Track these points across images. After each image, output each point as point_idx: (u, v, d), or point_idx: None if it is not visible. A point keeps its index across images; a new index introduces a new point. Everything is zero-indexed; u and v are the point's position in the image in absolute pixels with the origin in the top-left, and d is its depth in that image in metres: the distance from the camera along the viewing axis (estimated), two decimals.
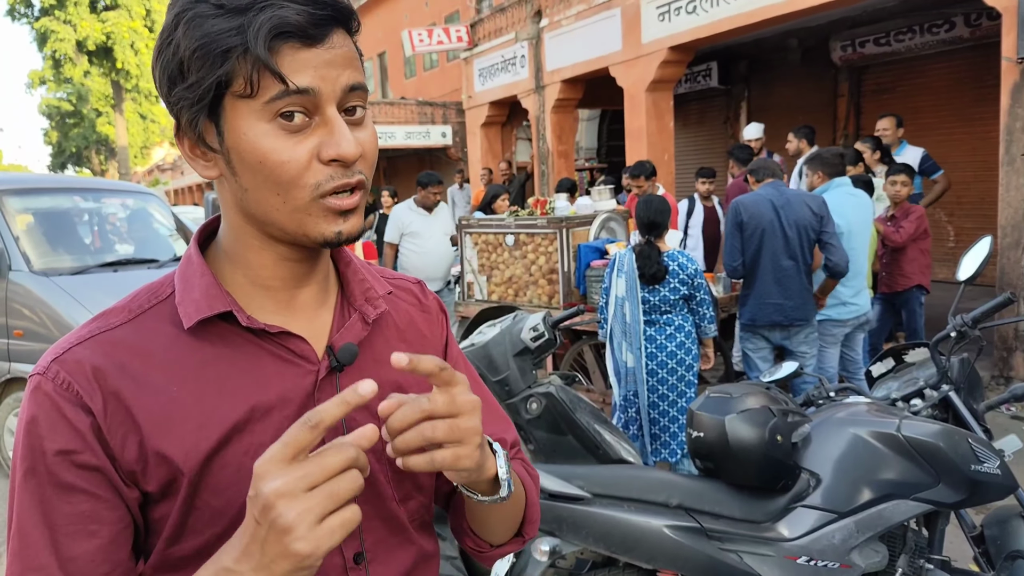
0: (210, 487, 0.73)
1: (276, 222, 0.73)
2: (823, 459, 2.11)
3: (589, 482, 2.11)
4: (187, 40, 0.68)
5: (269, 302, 0.80)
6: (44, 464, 0.69)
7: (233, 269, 0.79)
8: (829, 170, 4.24)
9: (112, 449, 0.71)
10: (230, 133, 0.71)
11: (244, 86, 0.68)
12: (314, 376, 0.78)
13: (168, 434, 0.72)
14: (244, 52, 0.67)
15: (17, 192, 4.78)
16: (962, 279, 2.42)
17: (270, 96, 0.68)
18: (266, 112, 0.69)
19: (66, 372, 0.71)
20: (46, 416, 0.70)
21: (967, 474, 2.06)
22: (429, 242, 5.74)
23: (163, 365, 0.74)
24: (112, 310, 0.77)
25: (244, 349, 0.77)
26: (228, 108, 0.70)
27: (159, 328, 0.76)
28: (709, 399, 2.14)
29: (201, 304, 0.75)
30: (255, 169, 0.71)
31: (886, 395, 2.43)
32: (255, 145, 0.70)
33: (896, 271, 4.96)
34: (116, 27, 25.20)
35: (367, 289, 0.86)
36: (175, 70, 0.70)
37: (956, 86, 9.03)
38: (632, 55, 9.01)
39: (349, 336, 0.82)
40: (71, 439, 0.70)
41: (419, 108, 15.11)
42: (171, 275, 0.80)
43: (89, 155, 35.34)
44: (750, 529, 2.05)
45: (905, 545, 2.20)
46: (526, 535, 0.93)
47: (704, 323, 3.76)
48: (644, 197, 3.92)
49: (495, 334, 2.91)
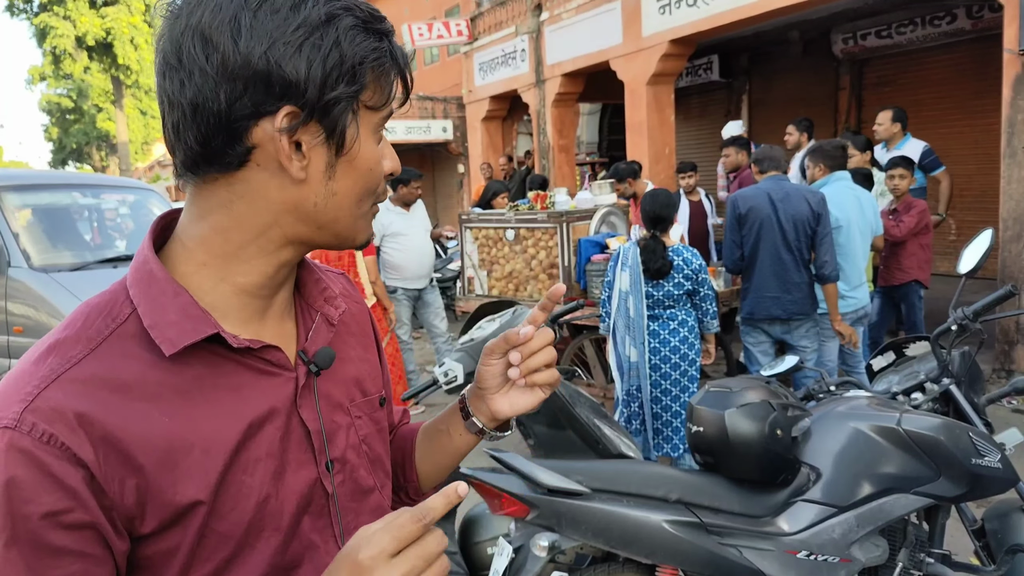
0: (216, 511, 0.71)
1: (339, 226, 0.76)
2: (823, 453, 2.11)
3: (589, 477, 2.11)
4: (350, 47, 0.70)
5: (245, 311, 0.77)
6: (27, 529, 0.62)
7: (217, 277, 0.75)
8: (830, 163, 4.22)
9: (110, 497, 0.66)
10: (353, 140, 0.73)
11: (377, 96, 0.73)
12: (294, 383, 0.78)
13: (175, 467, 0.68)
14: (387, 66, 0.73)
15: (16, 188, 4.78)
16: (963, 272, 2.42)
17: (390, 110, 0.75)
18: (381, 123, 0.76)
19: (45, 423, 0.63)
20: (29, 476, 0.62)
21: (968, 468, 2.05)
22: (412, 240, 5.50)
23: (145, 396, 0.69)
24: (64, 341, 0.69)
25: (224, 367, 0.74)
26: (359, 116, 0.73)
27: (127, 354, 0.70)
28: (709, 393, 2.14)
29: (184, 327, 0.70)
30: (364, 176, 0.75)
31: (887, 389, 2.42)
32: (372, 153, 0.75)
33: (894, 265, 4.94)
34: (116, 22, 25.15)
35: (324, 288, 0.85)
36: (334, 67, 0.69)
37: (958, 78, 8.99)
38: (633, 48, 8.98)
39: (319, 339, 0.82)
40: (59, 499, 0.63)
41: (419, 103, 15.05)
42: (119, 292, 0.73)
43: (90, 151, 35.31)
44: (750, 524, 2.04)
45: (906, 539, 2.20)
46: None
47: (707, 318, 3.75)
48: (650, 191, 3.90)
49: (495, 329, 2.90)
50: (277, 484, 0.75)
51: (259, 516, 0.73)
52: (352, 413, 0.85)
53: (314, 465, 0.78)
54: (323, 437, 0.80)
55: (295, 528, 0.76)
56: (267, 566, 0.74)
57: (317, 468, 0.79)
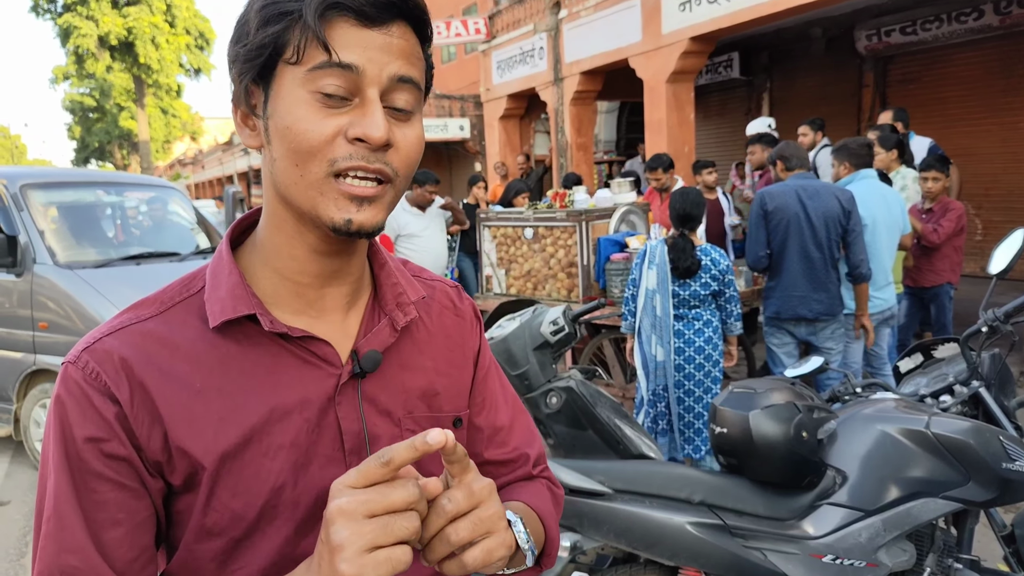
0: (229, 488, 0.73)
1: (294, 198, 0.72)
2: (850, 456, 2.08)
3: (610, 477, 2.09)
4: (257, 3, 0.70)
5: (297, 301, 0.79)
6: (75, 449, 0.70)
7: (263, 263, 0.79)
8: (856, 161, 4.15)
9: (139, 439, 0.71)
10: (272, 98, 0.71)
11: (292, 52, 0.69)
12: (335, 380, 0.78)
13: (189, 428, 0.72)
14: (299, 18, 0.68)
15: (42, 186, 4.84)
16: (994, 273, 2.37)
17: (313, 64, 0.68)
18: (307, 81, 0.69)
19: (95, 361, 0.72)
20: (75, 403, 0.71)
21: (998, 472, 2.01)
22: (428, 242, 5.57)
23: (189, 359, 0.74)
24: (144, 301, 0.78)
25: (267, 349, 0.76)
26: (278, 74, 0.71)
27: (187, 322, 0.76)
28: (733, 394, 2.11)
29: (226, 304, 0.75)
30: (282, 135, 0.70)
31: (914, 391, 2.38)
32: (287, 110, 0.70)
33: (926, 267, 4.84)
34: (137, 22, 25.46)
35: (399, 294, 0.84)
36: (240, 30, 0.72)
37: (984, 76, 8.84)
38: (652, 46, 8.92)
39: (376, 342, 0.80)
40: (99, 427, 0.70)
41: (437, 101, 15.07)
42: (204, 268, 0.80)
43: (112, 150, 35.73)
44: (774, 527, 2.02)
45: (933, 544, 2.16)
46: (543, 566, 0.89)
47: (731, 320, 3.72)
48: (680, 189, 3.85)
49: (515, 328, 2.89)
50: (297, 475, 0.75)
51: (273, 502, 0.74)
52: (403, 424, 0.82)
53: (343, 465, 0.77)
54: (364, 439, 0.79)
55: (312, 522, 0.76)
56: (277, 554, 0.75)
57: (346, 468, 0.77)
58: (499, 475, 0.94)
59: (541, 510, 0.88)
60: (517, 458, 0.95)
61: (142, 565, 0.72)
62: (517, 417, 0.97)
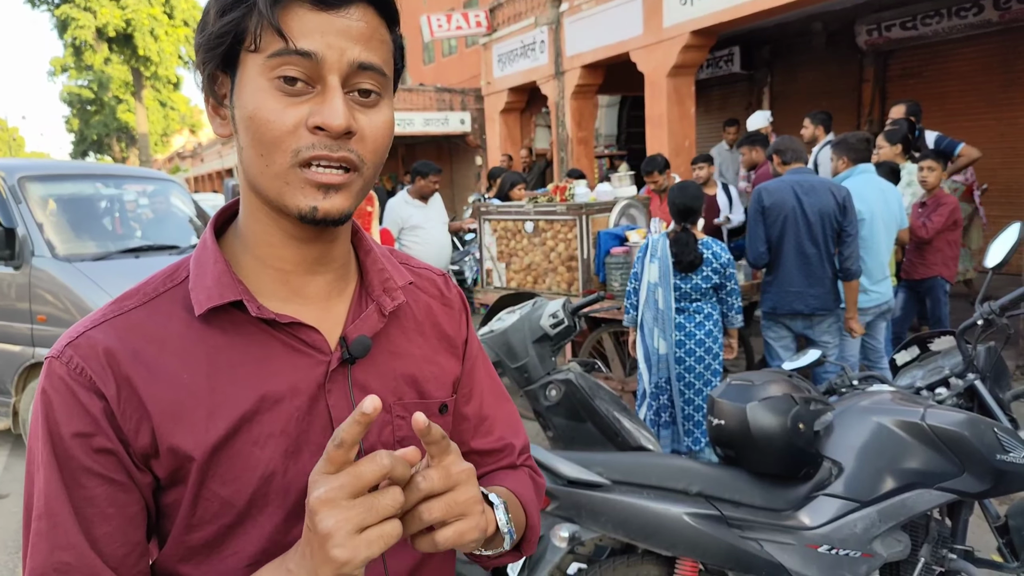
0: (218, 476, 0.73)
1: (261, 187, 0.72)
2: (846, 447, 2.09)
3: (608, 469, 2.11)
4: None
5: (282, 288, 0.78)
6: (62, 446, 0.70)
7: (245, 251, 0.78)
8: (854, 155, 4.16)
9: (125, 434, 0.71)
10: (237, 87, 0.71)
11: (251, 40, 0.68)
12: (325, 367, 0.77)
13: (178, 423, 0.72)
14: (255, 5, 0.67)
15: (40, 179, 4.83)
16: (990, 266, 2.38)
17: (270, 52, 0.68)
18: (267, 69, 0.68)
19: (79, 356, 0.71)
20: (61, 400, 0.70)
21: (992, 463, 2.03)
22: (430, 233, 5.61)
23: (175, 351, 0.73)
24: (128, 293, 0.77)
25: (255, 337, 0.76)
26: (241, 63, 0.70)
27: (172, 312, 0.75)
28: (731, 387, 2.13)
29: (212, 292, 0.74)
30: (246, 125, 0.70)
31: (910, 383, 2.39)
32: (250, 99, 0.69)
33: (918, 260, 4.86)
34: (136, 14, 25.37)
35: (386, 279, 0.84)
36: (203, 19, 0.72)
37: (984, 71, 8.84)
38: (653, 40, 8.90)
39: (364, 327, 0.80)
40: (85, 422, 0.70)
41: (437, 94, 15.05)
42: (188, 259, 0.80)
43: (110, 142, 35.67)
44: (771, 517, 2.03)
45: (928, 535, 2.18)
46: (524, 552, 0.90)
47: (731, 313, 3.74)
48: (679, 183, 3.86)
49: (514, 320, 2.90)
50: (287, 463, 0.75)
51: (263, 490, 0.74)
52: (393, 411, 0.82)
53: None
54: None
55: (303, 509, 0.76)
56: (267, 541, 0.75)
57: None
58: (484, 464, 0.95)
59: (524, 497, 0.90)
60: (503, 448, 0.96)
61: (135, 559, 0.73)
62: (503, 407, 0.98)
